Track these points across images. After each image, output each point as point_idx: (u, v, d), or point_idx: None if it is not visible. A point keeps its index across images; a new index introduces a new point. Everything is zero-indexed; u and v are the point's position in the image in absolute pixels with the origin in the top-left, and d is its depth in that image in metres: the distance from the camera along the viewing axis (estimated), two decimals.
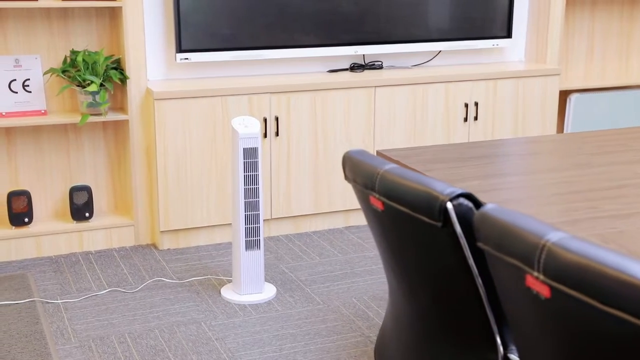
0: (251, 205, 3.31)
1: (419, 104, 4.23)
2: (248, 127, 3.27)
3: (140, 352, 2.94)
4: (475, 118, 4.35)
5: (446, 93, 4.27)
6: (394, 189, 1.66)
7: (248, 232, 3.34)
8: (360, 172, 1.78)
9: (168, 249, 3.96)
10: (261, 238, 3.36)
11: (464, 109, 4.32)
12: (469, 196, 1.55)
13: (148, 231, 4.02)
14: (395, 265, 1.79)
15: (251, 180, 3.29)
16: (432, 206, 1.56)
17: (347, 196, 4.19)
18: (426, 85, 4.22)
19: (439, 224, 1.55)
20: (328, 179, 4.13)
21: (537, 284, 1.25)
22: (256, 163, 3.28)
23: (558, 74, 4.49)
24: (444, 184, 1.57)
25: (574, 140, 2.90)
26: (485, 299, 1.59)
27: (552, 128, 4.55)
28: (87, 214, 3.92)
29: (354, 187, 1.85)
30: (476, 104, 4.33)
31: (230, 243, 4.04)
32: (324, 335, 3.07)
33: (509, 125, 4.44)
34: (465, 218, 1.54)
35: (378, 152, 2.79)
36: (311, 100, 4.02)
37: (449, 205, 1.53)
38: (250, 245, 3.35)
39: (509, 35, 4.54)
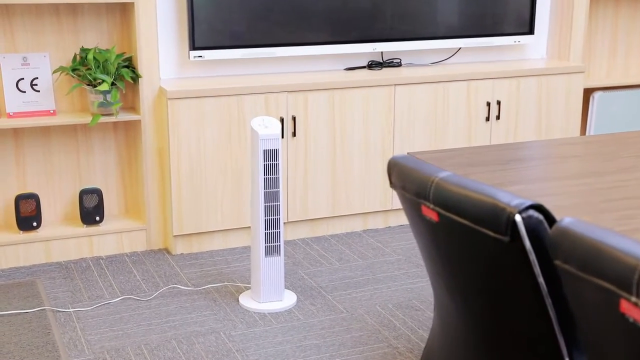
0: (271, 210, 3.17)
1: (439, 103, 4.09)
2: (268, 128, 3.13)
3: None
4: (498, 117, 4.21)
5: (468, 91, 4.13)
6: (451, 199, 1.51)
7: (268, 238, 3.19)
8: (411, 180, 1.64)
9: (181, 253, 3.81)
10: (281, 244, 3.22)
11: (486, 108, 4.18)
12: (539, 208, 1.41)
13: (160, 235, 3.87)
14: (449, 281, 1.65)
15: (271, 183, 3.15)
16: (498, 219, 1.42)
17: (365, 198, 4.05)
18: (447, 84, 4.08)
19: (506, 239, 1.41)
20: (346, 180, 3.99)
21: (635, 310, 1.11)
22: (277, 165, 3.14)
23: (582, 72, 4.35)
24: (510, 194, 1.43)
25: (613, 142, 2.76)
26: (556, 321, 1.45)
27: (576, 127, 4.41)
28: (97, 218, 3.77)
29: (402, 196, 1.71)
30: (498, 102, 4.19)
31: (246, 247, 3.89)
32: (350, 347, 2.93)
33: (532, 125, 4.30)
34: (535, 232, 1.40)
35: (409, 154, 2.64)
36: (329, 99, 3.87)
37: (518, 217, 1.39)
38: (270, 251, 3.21)
39: (531, 31, 4.40)
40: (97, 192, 3.76)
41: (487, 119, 4.19)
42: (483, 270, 1.52)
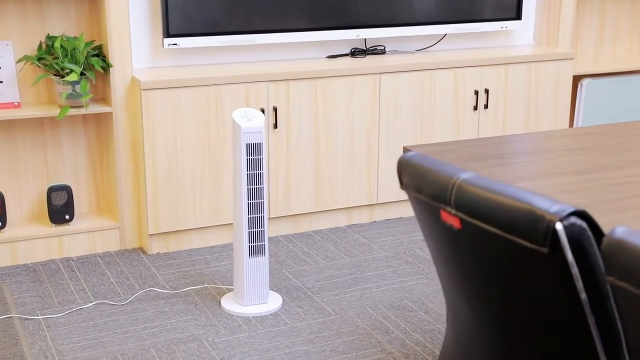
0: (255, 207, 2.98)
1: (426, 92, 3.92)
2: (251, 120, 2.93)
3: None
4: (486, 106, 4.04)
5: (455, 79, 3.96)
6: (477, 204, 1.34)
7: (252, 237, 3.00)
8: (427, 181, 1.46)
9: (157, 253, 3.60)
10: (266, 243, 3.02)
11: (474, 97, 4.01)
12: (582, 214, 1.23)
13: (135, 234, 3.66)
14: (470, 295, 1.47)
15: (255, 179, 2.95)
16: (535, 227, 1.24)
17: (350, 192, 3.87)
18: (433, 72, 3.91)
19: (544, 250, 1.24)
20: (330, 174, 3.81)
21: None
22: (260, 160, 2.95)
23: (572, 58, 4.20)
24: (548, 199, 1.25)
25: (620, 133, 2.61)
26: (599, 341, 1.28)
27: (565, 116, 4.26)
28: (66, 217, 3.55)
29: (415, 199, 1.53)
30: (486, 91, 4.02)
31: (225, 246, 3.69)
32: (341, 352, 2.75)
33: (521, 113, 4.14)
34: (577, 242, 1.23)
35: (405, 148, 2.47)
36: (311, 88, 3.68)
37: (559, 226, 1.22)
38: (254, 251, 3.02)
39: (518, 16, 4.24)
40: (66, 189, 3.54)
41: (475, 107, 4.02)
42: (514, 285, 1.35)
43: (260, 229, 3.00)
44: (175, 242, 3.62)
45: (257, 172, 2.95)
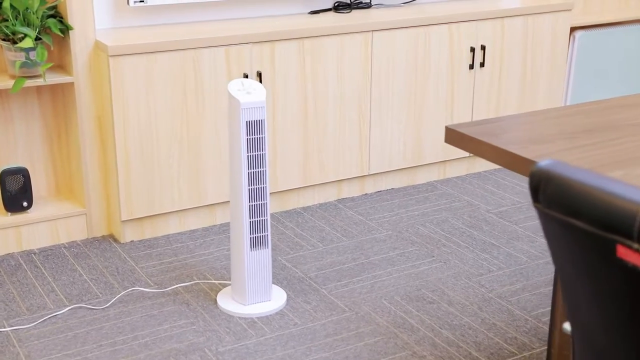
0: (256, 194, 2.58)
1: (420, 50, 3.55)
2: (251, 94, 2.52)
3: None
4: (482, 64, 3.71)
5: (450, 36, 3.60)
6: None
7: (253, 228, 2.61)
8: (595, 205, 1.11)
9: (132, 241, 3.18)
10: (269, 234, 2.64)
11: (470, 54, 3.67)
12: None
13: (104, 220, 3.22)
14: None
15: (256, 161, 2.55)
16: None
17: (340, 164, 3.50)
18: (428, 28, 3.54)
19: None
20: (319, 144, 3.43)
21: None
22: (262, 140, 2.54)
23: (570, 9, 3.88)
24: None
25: None
26: None
27: (561, 72, 3.97)
28: (24, 204, 3.09)
29: (564, 223, 1.17)
30: (483, 47, 3.68)
31: (207, 229, 3.29)
32: (367, 359, 2.41)
33: (517, 71, 3.82)
34: None
35: (447, 128, 2.11)
36: (298, 49, 3.27)
37: None
38: (256, 243, 2.64)
39: None
40: (22, 172, 3.07)
41: (471, 66, 3.68)
42: None
43: (263, 218, 2.62)
44: (150, 227, 3.20)
45: (259, 153, 2.55)
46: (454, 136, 2.10)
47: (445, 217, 3.41)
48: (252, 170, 2.56)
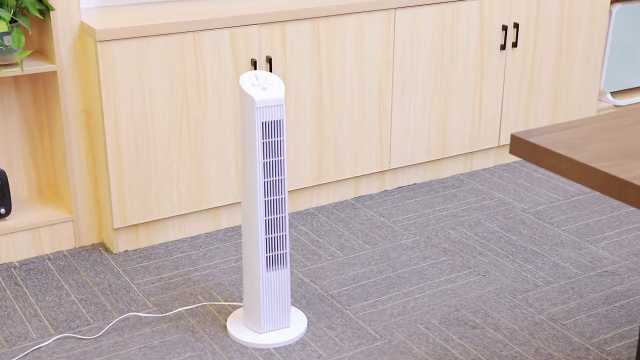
0: (274, 206, 2.20)
1: (447, 30, 3.15)
2: (267, 90, 2.13)
3: None
4: (514, 44, 3.32)
5: (480, 13, 3.20)
6: None
7: (270, 245, 2.24)
8: None
9: (125, 251, 2.80)
10: (287, 251, 2.27)
11: (502, 33, 3.28)
12: None
13: (93, 227, 2.84)
14: None
15: (274, 169, 2.17)
16: None
17: (358, 159, 3.12)
18: (456, 4, 3.14)
19: None
20: (335, 137, 3.04)
21: None
22: (281, 143, 2.16)
23: None
24: None
25: None
26: None
27: (599, 49, 3.58)
28: (2, 210, 2.70)
29: None
30: (516, 25, 3.29)
31: (209, 235, 2.91)
32: None
33: (552, 52, 3.43)
34: None
35: (514, 137, 1.73)
36: (313, 31, 2.87)
37: None
38: (274, 262, 2.26)
39: None
40: None
41: (503, 47, 3.29)
42: None
43: (281, 234, 2.24)
44: (146, 234, 2.82)
45: (278, 159, 2.16)
46: (523, 147, 1.72)
47: (478, 218, 3.04)
48: (269, 179, 2.17)
